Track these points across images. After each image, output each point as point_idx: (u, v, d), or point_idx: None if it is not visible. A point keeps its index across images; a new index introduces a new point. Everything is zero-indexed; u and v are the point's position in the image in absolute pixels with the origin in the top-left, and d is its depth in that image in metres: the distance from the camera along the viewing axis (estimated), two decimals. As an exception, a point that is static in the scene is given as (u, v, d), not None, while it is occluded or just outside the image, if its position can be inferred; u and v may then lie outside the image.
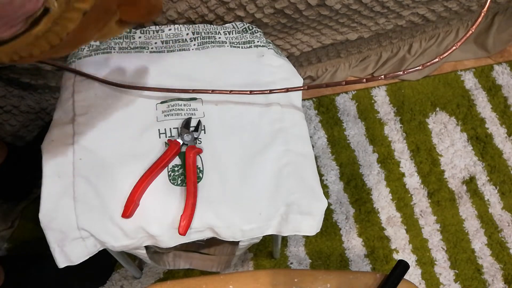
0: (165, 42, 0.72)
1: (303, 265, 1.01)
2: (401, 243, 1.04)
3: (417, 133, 1.13)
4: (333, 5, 0.83)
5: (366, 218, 1.06)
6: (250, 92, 0.65)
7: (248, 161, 0.63)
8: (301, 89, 0.66)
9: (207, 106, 0.66)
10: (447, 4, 0.97)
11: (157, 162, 0.61)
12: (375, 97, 1.17)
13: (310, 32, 0.94)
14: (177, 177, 0.61)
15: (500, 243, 1.05)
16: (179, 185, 0.61)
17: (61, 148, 0.62)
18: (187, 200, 0.59)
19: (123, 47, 0.70)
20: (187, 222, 0.58)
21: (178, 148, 0.62)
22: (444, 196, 1.08)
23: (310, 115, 1.14)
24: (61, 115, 0.65)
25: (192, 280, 0.59)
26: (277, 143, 0.65)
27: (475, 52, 1.20)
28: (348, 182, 1.09)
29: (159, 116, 0.65)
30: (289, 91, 0.66)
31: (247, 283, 0.59)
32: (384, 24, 0.98)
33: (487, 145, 1.13)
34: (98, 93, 0.66)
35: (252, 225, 0.60)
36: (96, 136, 0.63)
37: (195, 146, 0.63)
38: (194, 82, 0.68)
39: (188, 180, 0.60)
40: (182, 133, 0.63)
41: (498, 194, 1.09)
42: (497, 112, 1.16)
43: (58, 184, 0.60)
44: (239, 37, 0.74)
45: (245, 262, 1.00)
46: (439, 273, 1.02)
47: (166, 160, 0.61)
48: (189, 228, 0.58)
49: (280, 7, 0.81)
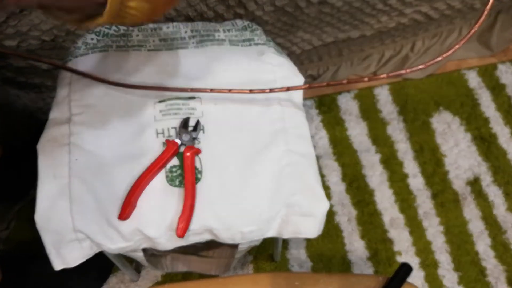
0: (163, 40, 0.71)
1: (304, 268, 1.01)
2: (404, 245, 1.03)
3: (421, 133, 1.12)
4: (335, 2, 0.83)
5: (369, 220, 1.05)
6: (250, 91, 0.64)
7: (248, 162, 0.62)
8: (302, 88, 0.65)
9: (206, 105, 0.66)
10: (450, 2, 0.97)
11: (155, 163, 0.60)
12: (378, 96, 1.16)
13: (311, 30, 0.93)
14: (175, 178, 0.61)
15: (504, 245, 1.04)
16: (177, 186, 0.60)
17: (57, 149, 0.62)
18: (185, 202, 0.58)
19: (120, 45, 0.70)
20: (185, 224, 0.57)
21: (176, 148, 0.61)
22: (448, 197, 1.07)
23: (312, 115, 1.13)
24: (57, 115, 0.65)
25: (191, 283, 0.59)
26: (277, 143, 0.64)
27: (479, 51, 1.20)
28: (350, 183, 1.08)
29: (156, 116, 0.64)
30: (290, 89, 0.65)
31: (246, 286, 0.59)
32: (387, 22, 0.97)
33: (491, 145, 1.12)
34: (94, 93, 0.65)
35: (251, 227, 0.60)
36: (93, 136, 0.63)
37: (194, 146, 0.62)
38: (193, 80, 0.67)
39: (186, 181, 0.59)
40: (180, 133, 0.62)
41: (502, 195, 1.08)
42: (501, 111, 1.16)
43: (54, 185, 0.60)
44: (239, 35, 0.73)
45: (245, 265, 1.00)
46: (442, 275, 1.01)
47: (164, 160, 0.60)
48: (187, 230, 0.58)
49: (281, 4, 0.80)
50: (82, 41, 0.70)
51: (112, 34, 0.71)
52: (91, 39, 0.70)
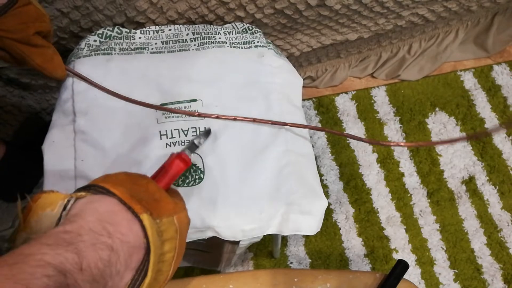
0: (165, 42, 0.72)
1: (303, 265, 1.01)
2: (401, 242, 1.04)
3: (417, 133, 1.13)
4: (333, 5, 0.83)
5: (366, 217, 1.06)
6: (253, 120, 0.65)
7: (248, 161, 0.63)
8: (301, 126, 0.66)
9: (207, 108, 0.66)
10: (447, 4, 0.97)
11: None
12: (375, 97, 1.17)
13: (310, 33, 0.94)
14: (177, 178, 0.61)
15: (500, 242, 1.05)
16: (181, 186, 0.61)
17: (62, 150, 0.62)
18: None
19: (123, 47, 0.70)
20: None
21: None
22: (444, 196, 1.08)
23: (310, 115, 1.14)
24: (61, 116, 0.65)
25: (192, 279, 0.59)
26: (277, 143, 0.65)
27: (475, 52, 1.20)
28: (347, 182, 1.09)
29: (159, 118, 0.65)
30: (294, 126, 0.66)
31: (247, 282, 0.59)
32: (384, 25, 0.98)
33: (486, 145, 1.13)
34: (97, 94, 0.65)
35: (252, 225, 0.60)
36: (97, 137, 0.63)
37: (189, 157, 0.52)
38: (194, 83, 0.67)
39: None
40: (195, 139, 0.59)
41: (497, 194, 1.09)
42: (497, 112, 1.17)
43: (60, 185, 0.60)
44: (239, 38, 0.74)
45: (245, 261, 1.00)
46: (438, 272, 1.02)
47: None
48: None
49: (280, 7, 0.81)
50: (85, 42, 0.69)
51: (115, 36, 0.71)
52: (94, 41, 0.70)
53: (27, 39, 0.55)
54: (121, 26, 0.76)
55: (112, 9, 0.74)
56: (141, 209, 0.32)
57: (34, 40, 0.56)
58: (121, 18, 0.76)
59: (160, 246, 0.33)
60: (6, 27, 0.53)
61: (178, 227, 0.36)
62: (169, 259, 0.35)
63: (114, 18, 0.75)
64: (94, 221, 0.30)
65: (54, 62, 0.60)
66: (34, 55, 0.57)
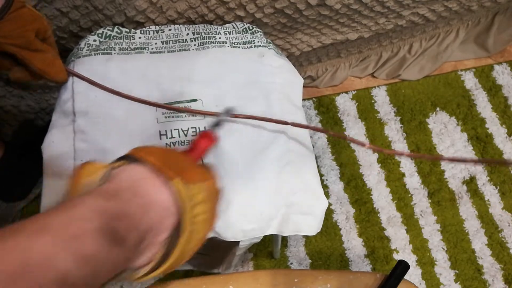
0: (165, 42, 0.72)
1: (303, 265, 1.01)
2: (401, 243, 1.04)
3: (417, 133, 1.13)
4: (333, 4, 0.83)
5: (366, 218, 1.06)
6: (259, 119, 0.65)
7: (249, 161, 0.63)
8: (303, 126, 0.66)
9: (207, 108, 0.66)
10: (447, 4, 0.97)
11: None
12: (375, 97, 1.17)
13: (310, 32, 0.94)
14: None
15: (501, 243, 1.05)
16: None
17: (61, 150, 0.62)
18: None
19: (123, 47, 0.70)
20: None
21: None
22: (445, 196, 1.08)
23: (310, 115, 1.14)
24: (61, 116, 0.65)
25: (192, 280, 0.59)
26: (277, 143, 0.65)
27: (476, 52, 1.20)
28: (348, 182, 1.09)
29: (159, 118, 0.65)
30: (296, 126, 0.65)
31: (247, 283, 0.59)
32: (384, 24, 0.98)
33: (487, 145, 1.13)
34: (97, 94, 0.65)
35: (253, 225, 0.60)
36: (97, 137, 0.63)
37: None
38: (194, 83, 0.67)
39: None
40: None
41: (498, 194, 1.09)
42: (498, 112, 1.16)
43: (59, 185, 0.60)
44: (239, 37, 0.73)
45: (245, 262, 1.00)
46: (439, 273, 1.02)
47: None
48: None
49: (280, 6, 0.81)
50: (85, 42, 0.69)
51: (115, 36, 0.71)
52: (94, 41, 0.70)
53: (28, 44, 0.55)
54: (121, 25, 0.76)
55: (111, 9, 0.74)
56: (173, 174, 0.35)
57: (34, 45, 0.56)
58: (120, 17, 0.76)
59: (191, 209, 0.35)
60: (4, 33, 0.53)
61: (208, 192, 0.38)
62: (201, 220, 0.37)
63: (114, 17, 0.75)
64: (129, 186, 0.34)
65: (56, 66, 0.61)
66: (35, 60, 0.57)
